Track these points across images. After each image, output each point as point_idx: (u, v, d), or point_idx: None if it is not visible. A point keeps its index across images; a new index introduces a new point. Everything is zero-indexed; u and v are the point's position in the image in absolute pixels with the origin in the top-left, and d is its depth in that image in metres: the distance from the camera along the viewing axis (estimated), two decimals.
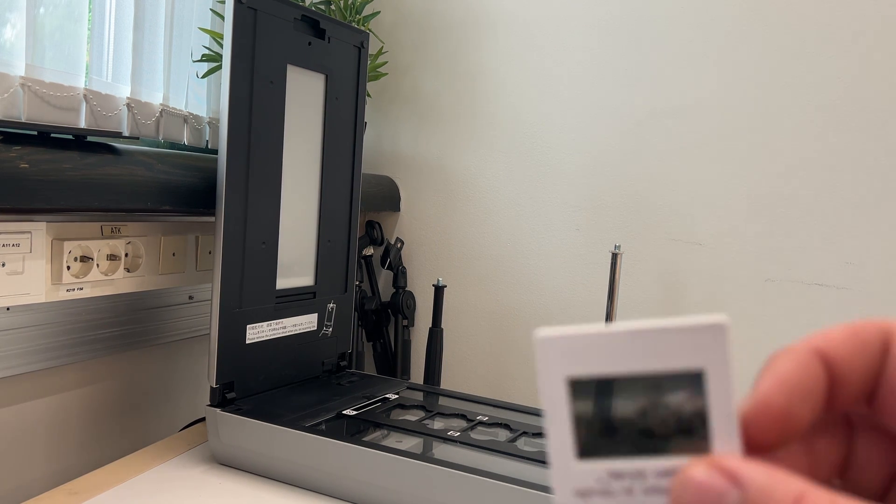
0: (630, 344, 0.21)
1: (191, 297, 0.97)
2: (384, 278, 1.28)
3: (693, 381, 0.21)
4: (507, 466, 0.68)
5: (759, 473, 0.20)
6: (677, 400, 0.21)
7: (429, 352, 1.10)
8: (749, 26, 1.05)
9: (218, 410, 0.75)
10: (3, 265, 0.70)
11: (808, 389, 0.21)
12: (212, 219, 0.78)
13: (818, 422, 0.22)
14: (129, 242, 0.84)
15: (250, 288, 0.79)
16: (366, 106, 1.02)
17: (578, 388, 0.22)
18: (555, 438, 0.22)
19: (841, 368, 0.22)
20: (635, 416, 0.21)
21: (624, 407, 0.21)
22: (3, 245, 0.70)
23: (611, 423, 0.21)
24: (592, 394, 0.22)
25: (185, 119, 0.96)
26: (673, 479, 0.21)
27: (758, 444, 0.21)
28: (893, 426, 0.23)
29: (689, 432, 0.21)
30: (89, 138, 0.74)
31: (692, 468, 0.20)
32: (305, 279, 0.88)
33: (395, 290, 1.24)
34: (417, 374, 1.23)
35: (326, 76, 0.88)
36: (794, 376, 0.21)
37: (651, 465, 0.21)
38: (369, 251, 1.24)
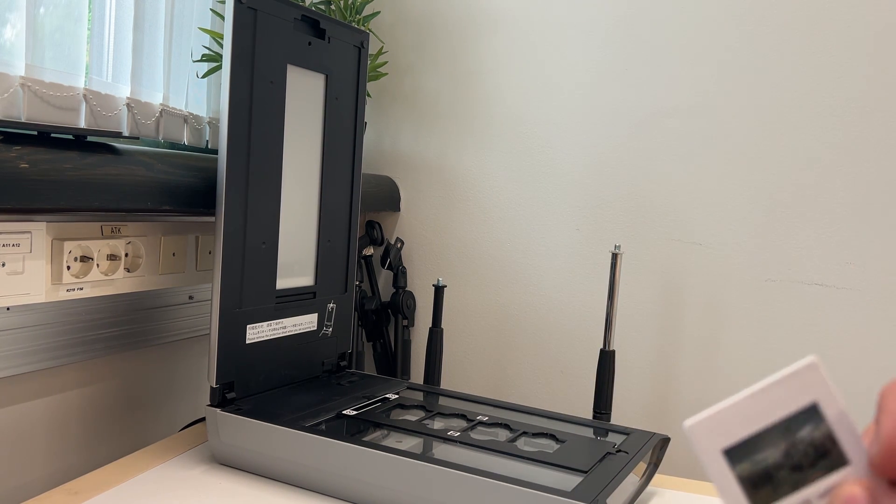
0: (756, 404, 0.26)
1: (191, 297, 0.97)
2: (384, 278, 1.28)
3: (812, 413, 0.26)
4: (507, 466, 0.68)
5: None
6: (807, 432, 0.26)
7: (429, 352, 1.09)
8: (749, 27, 1.05)
9: (218, 410, 0.75)
10: (3, 265, 0.70)
11: None
12: (212, 219, 0.78)
13: None
14: (129, 242, 0.84)
15: (250, 288, 0.79)
16: (366, 106, 1.02)
17: (733, 455, 0.26)
18: None
19: None
20: (782, 458, 0.26)
21: (771, 455, 0.26)
22: (3, 245, 0.70)
23: (768, 472, 0.26)
24: (744, 456, 0.26)
25: (185, 119, 0.96)
26: (831, 496, 0.25)
27: (892, 479, 0.25)
28: None
29: (825, 454, 0.26)
30: (89, 138, 0.74)
31: (849, 486, 0.24)
32: (305, 279, 0.88)
33: (395, 290, 1.24)
34: (417, 374, 1.23)
35: (326, 76, 0.88)
36: None
37: (811, 491, 0.26)
38: (369, 251, 1.24)
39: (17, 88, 0.72)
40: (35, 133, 0.70)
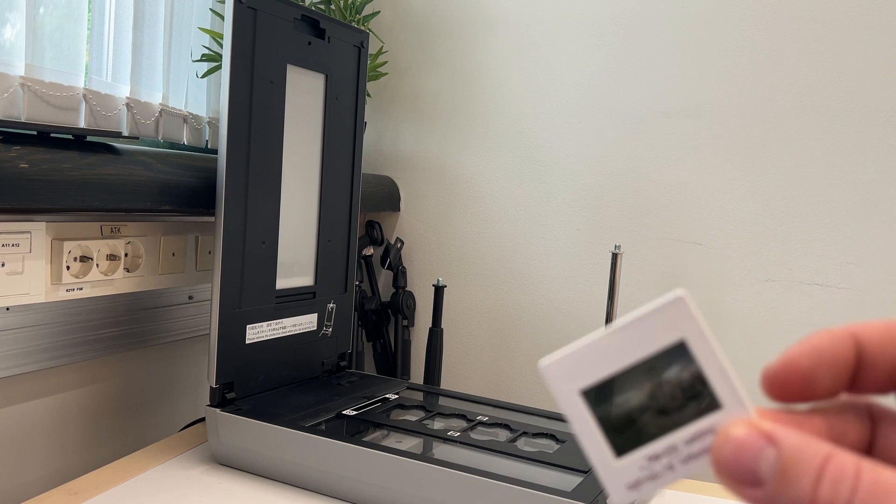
0: (617, 343, 0.24)
1: (191, 297, 0.97)
2: (384, 278, 1.28)
3: (679, 352, 0.24)
4: (507, 466, 0.68)
5: (791, 434, 0.22)
6: (674, 373, 0.24)
7: (429, 352, 1.09)
8: (749, 27, 1.05)
9: (218, 410, 0.75)
10: (3, 265, 0.70)
11: (834, 360, 0.23)
12: (212, 219, 0.78)
13: (845, 405, 0.24)
14: (129, 242, 0.84)
15: (250, 288, 0.79)
16: (366, 106, 1.02)
17: (591, 397, 0.24)
18: (591, 449, 0.24)
19: (872, 354, 0.24)
20: (647, 401, 0.24)
21: (634, 397, 0.24)
22: (3, 245, 0.70)
23: (630, 416, 0.24)
24: (604, 397, 0.24)
25: (185, 119, 0.96)
26: (715, 438, 0.23)
27: (779, 396, 0.24)
28: None
29: (696, 397, 0.24)
30: (89, 138, 0.74)
31: (733, 427, 0.22)
32: (305, 279, 0.88)
33: (395, 290, 1.24)
34: (417, 374, 1.23)
35: (326, 76, 0.88)
36: (824, 346, 0.24)
37: (678, 437, 0.24)
38: (369, 251, 1.24)
39: (16, 88, 0.72)
40: (35, 133, 0.70)
